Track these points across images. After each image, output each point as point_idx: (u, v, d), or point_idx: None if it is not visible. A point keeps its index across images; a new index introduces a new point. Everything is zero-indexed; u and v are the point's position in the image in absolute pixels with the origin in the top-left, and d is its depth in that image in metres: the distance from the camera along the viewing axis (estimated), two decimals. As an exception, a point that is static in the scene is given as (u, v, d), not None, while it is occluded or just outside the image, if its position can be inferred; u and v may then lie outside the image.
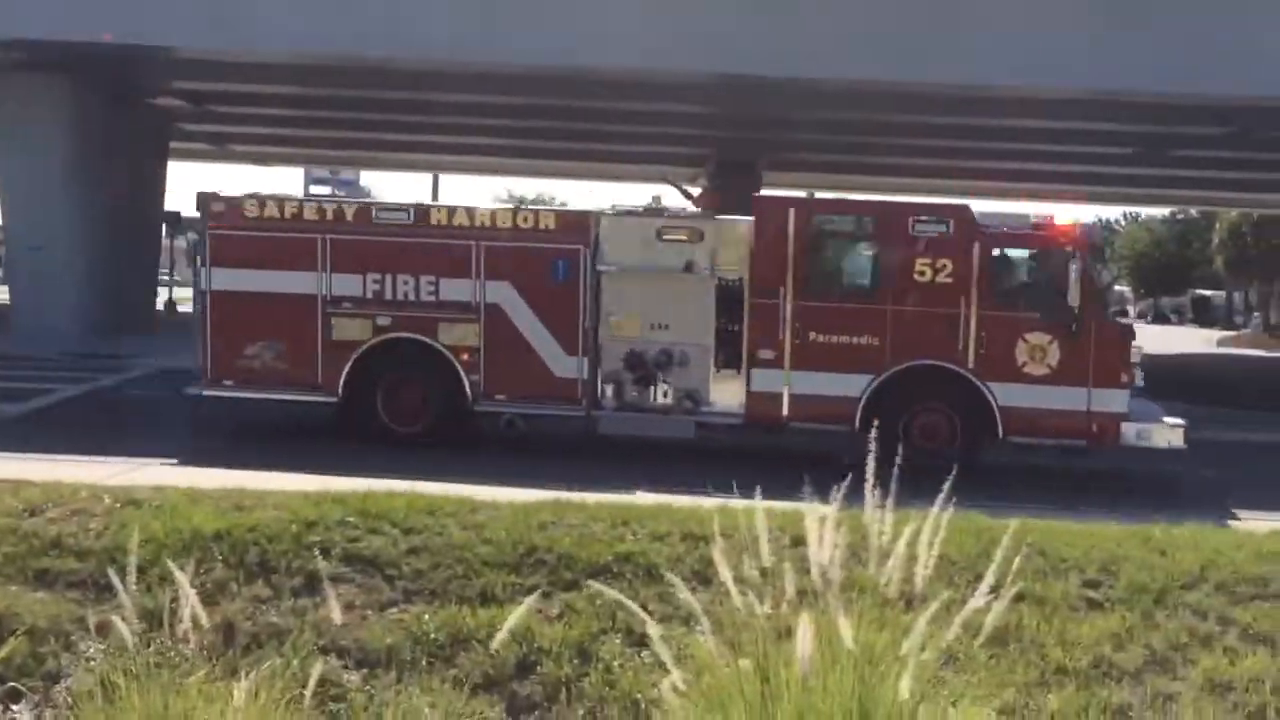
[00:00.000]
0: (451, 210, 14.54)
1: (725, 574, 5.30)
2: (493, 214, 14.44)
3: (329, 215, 14.53)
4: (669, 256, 14.07)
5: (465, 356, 14.23)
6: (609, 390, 14.18)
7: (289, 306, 14.36)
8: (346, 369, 14.28)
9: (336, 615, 6.05)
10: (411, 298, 14.30)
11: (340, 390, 14.32)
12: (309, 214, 14.55)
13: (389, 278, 14.29)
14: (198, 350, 14.65)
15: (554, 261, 14.15)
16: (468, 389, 14.23)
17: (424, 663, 7.42)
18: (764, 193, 14.24)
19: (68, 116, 27.15)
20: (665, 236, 14.13)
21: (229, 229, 14.54)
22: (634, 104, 30.82)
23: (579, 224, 14.31)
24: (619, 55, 24.12)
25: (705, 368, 14.16)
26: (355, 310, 14.34)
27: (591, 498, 9.70)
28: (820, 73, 23.69)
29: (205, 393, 14.68)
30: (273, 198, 14.71)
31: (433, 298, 14.29)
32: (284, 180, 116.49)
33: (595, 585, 6.98)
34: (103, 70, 26.69)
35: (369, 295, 14.32)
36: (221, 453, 12.59)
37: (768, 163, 38.64)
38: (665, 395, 14.10)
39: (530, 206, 18.71)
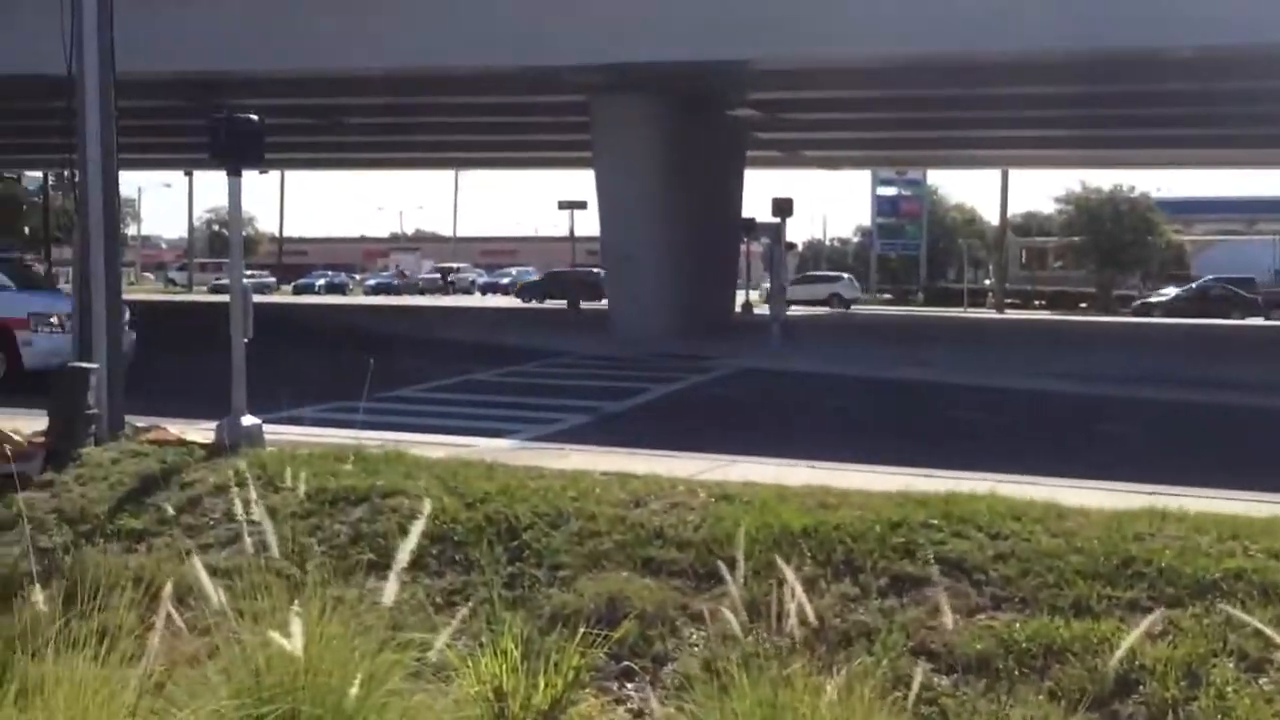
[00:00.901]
0: None
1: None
2: None
3: None
4: None
5: None
6: None
7: None
8: None
9: (948, 620, 5.98)
10: None
11: None
12: None
13: None
14: None
15: None
16: None
17: (1015, 672, 7.20)
18: None
19: (657, 132, 29.14)
20: None
21: None
22: (1215, 84, 28.68)
23: None
24: (1192, 33, 22.52)
25: None
26: None
27: (1193, 507, 9.03)
28: None
29: None
30: None
31: None
32: (849, 183, 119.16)
33: (1224, 608, 6.46)
34: (687, 87, 28.40)
35: None
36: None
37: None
38: None
39: None
